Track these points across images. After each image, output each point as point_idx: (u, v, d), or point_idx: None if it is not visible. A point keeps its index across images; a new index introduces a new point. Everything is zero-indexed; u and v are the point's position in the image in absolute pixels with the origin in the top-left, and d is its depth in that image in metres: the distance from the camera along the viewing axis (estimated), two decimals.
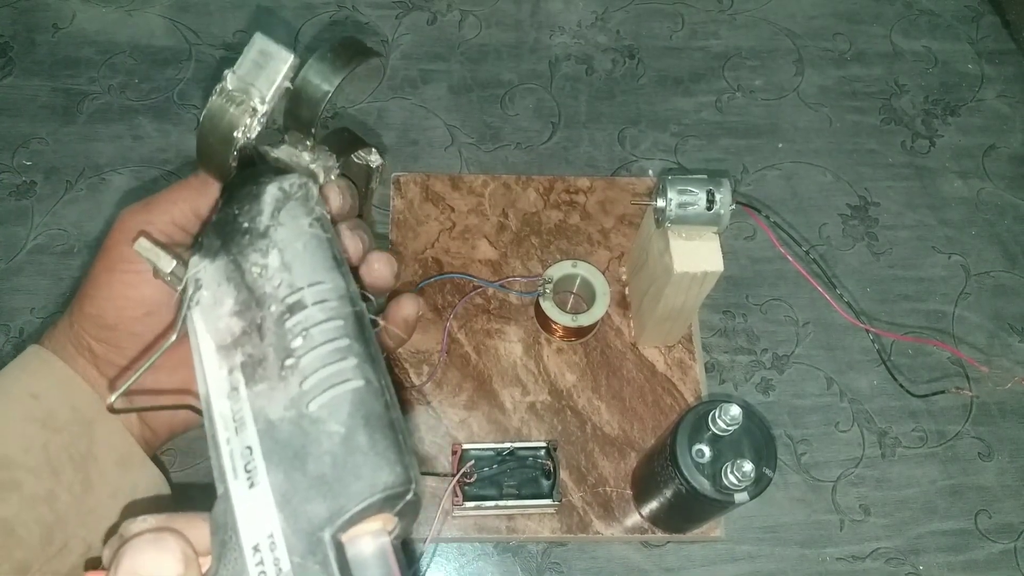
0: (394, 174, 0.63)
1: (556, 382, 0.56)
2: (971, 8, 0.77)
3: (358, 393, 0.25)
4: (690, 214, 0.46)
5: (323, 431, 0.24)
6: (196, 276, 0.28)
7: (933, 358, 0.60)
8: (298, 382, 0.25)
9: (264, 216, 0.29)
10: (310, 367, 0.25)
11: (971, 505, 0.55)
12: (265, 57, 0.32)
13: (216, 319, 0.27)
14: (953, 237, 0.65)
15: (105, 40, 0.69)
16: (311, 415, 0.24)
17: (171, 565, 0.24)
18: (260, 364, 0.26)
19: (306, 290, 0.27)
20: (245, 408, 0.25)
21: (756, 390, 0.58)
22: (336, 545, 0.23)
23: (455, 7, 0.73)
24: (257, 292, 0.27)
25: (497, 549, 0.52)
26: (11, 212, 0.61)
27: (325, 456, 0.24)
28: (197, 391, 0.27)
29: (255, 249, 0.28)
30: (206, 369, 0.27)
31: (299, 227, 0.28)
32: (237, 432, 0.25)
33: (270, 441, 0.24)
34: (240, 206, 0.29)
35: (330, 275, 0.27)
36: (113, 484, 0.38)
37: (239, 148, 0.33)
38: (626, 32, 0.73)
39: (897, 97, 0.72)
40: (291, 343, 0.26)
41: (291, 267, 0.27)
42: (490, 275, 0.60)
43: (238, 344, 0.26)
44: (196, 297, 0.28)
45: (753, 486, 0.41)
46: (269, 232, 0.28)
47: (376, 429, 0.24)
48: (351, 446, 0.24)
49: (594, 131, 0.68)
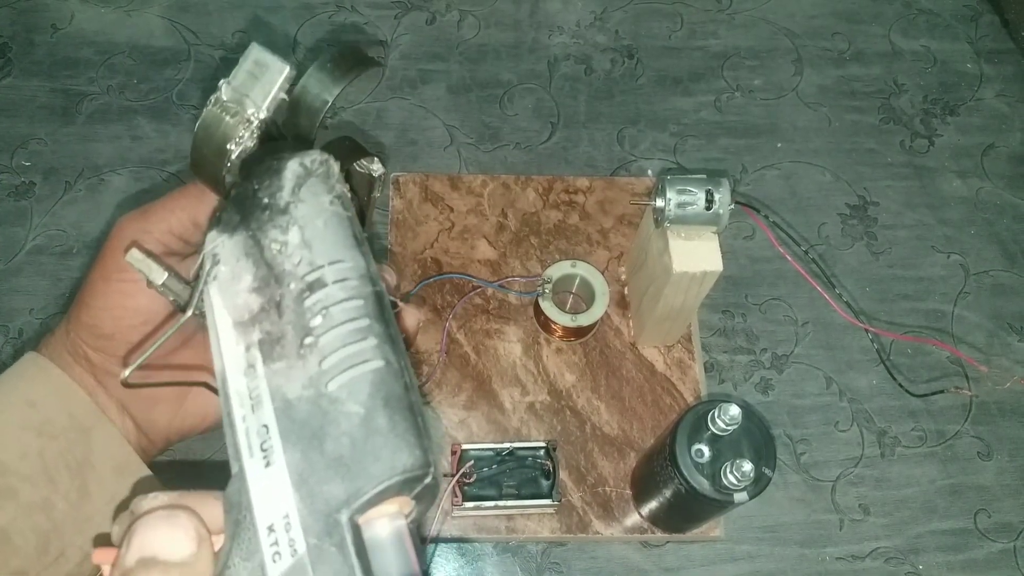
0: (393, 174, 0.63)
1: (555, 382, 0.56)
2: (970, 7, 0.77)
3: (378, 374, 0.24)
4: (689, 214, 0.46)
5: (342, 411, 0.24)
6: (214, 251, 0.28)
7: (932, 358, 0.60)
8: (317, 361, 0.25)
9: (285, 192, 0.28)
10: (329, 346, 0.25)
11: (970, 504, 0.55)
12: (260, 68, 0.32)
13: (234, 295, 0.27)
14: (952, 236, 0.65)
15: (104, 40, 0.69)
16: (330, 395, 0.24)
17: (184, 543, 0.24)
18: (278, 342, 0.25)
19: (326, 268, 0.26)
20: (262, 386, 0.25)
21: (755, 390, 0.58)
22: (353, 527, 0.23)
23: (454, 7, 0.73)
24: (276, 269, 0.27)
25: (497, 549, 0.52)
26: (10, 213, 0.61)
27: (343, 437, 0.23)
28: (212, 370, 0.27)
29: (275, 225, 0.27)
30: (223, 345, 0.26)
31: (320, 204, 0.28)
32: (253, 410, 0.25)
33: (287, 420, 0.24)
34: (260, 181, 0.29)
35: (350, 253, 0.27)
36: (110, 492, 0.38)
37: (235, 155, 0.33)
38: (625, 32, 0.73)
39: (896, 97, 0.72)
40: (310, 321, 0.25)
41: (311, 244, 0.27)
42: (489, 275, 0.60)
43: (256, 321, 0.26)
44: (214, 272, 0.27)
45: (752, 486, 0.41)
46: (289, 208, 0.28)
47: (396, 411, 0.24)
48: (370, 427, 0.24)
49: (593, 131, 0.68)
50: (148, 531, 0.24)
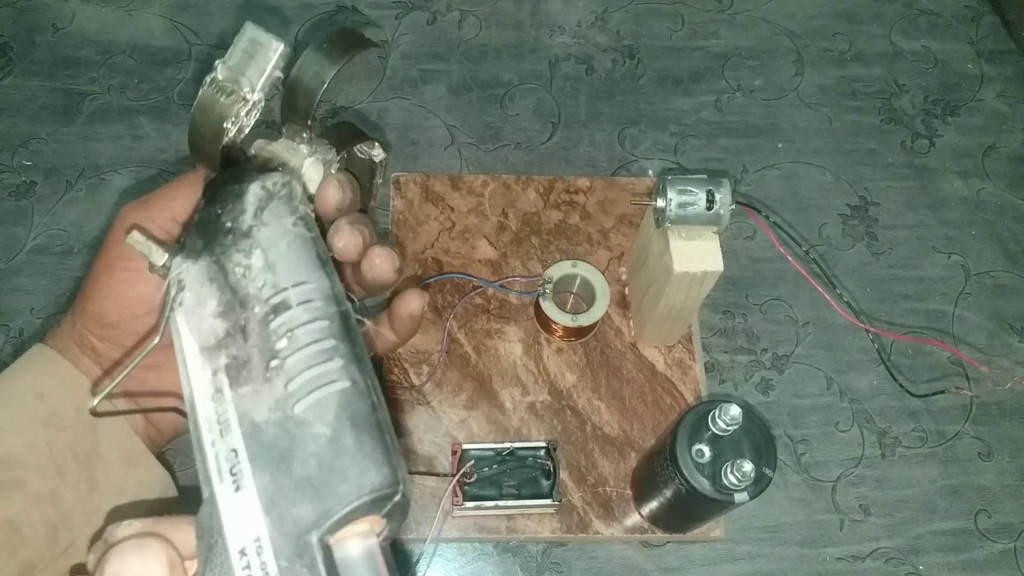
0: (394, 174, 0.63)
1: (556, 382, 0.56)
2: (971, 8, 0.77)
3: (344, 394, 0.25)
4: (690, 214, 0.46)
5: (309, 433, 0.24)
6: (179, 277, 0.28)
7: (933, 358, 0.60)
8: (283, 384, 0.25)
9: (247, 215, 0.28)
10: (295, 368, 0.25)
11: (971, 505, 0.55)
12: (255, 46, 0.32)
13: (200, 320, 0.27)
14: (953, 237, 0.65)
15: (105, 40, 0.69)
16: (296, 417, 0.24)
17: (156, 570, 0.24)
18: (245, 366, 0.26)
19: (290, 290, 0.26)
20: (230, 410, 0.25)
21: (756, 390, 0.58)
22: (324, 548, 0.23)
23: (455, 7, 0.73)
24: (241, 293, 0.27)
25: (497, 549, 0.52)
26: (11, 212, 0.61)
27: (311, 458, 0.24)
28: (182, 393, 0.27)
29: (238, 249, 0.28)
30: (190, 371, 0.26)
31: (283, 226, 0.28)
32: (222, 435, 0.25)
33: (255, 444, 0.24)
34: (223, 205, 0.29)
35: (315, 274, 0.27)
36: (119, 482, 0.38)
37: (228, 142, 0.33)
38: (626, 32, 0.73)
39: (897, 97, 0.72)
40: (276, 344, 0.25)
41: (275, 267, 0.27)
42: (490, 275, 0.60)
43: (222, 346, 0.26)
44: (179, 298, 0.28)
45: (753, 486, 0.41)
46: (252, 232, 0.28)
47: (363, 430, 0.24)
48: (337, 448, 0.24)
49: (594, 131, 0.68)
50: (120, 560, 0.24)
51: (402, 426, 0.54)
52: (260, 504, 0.23)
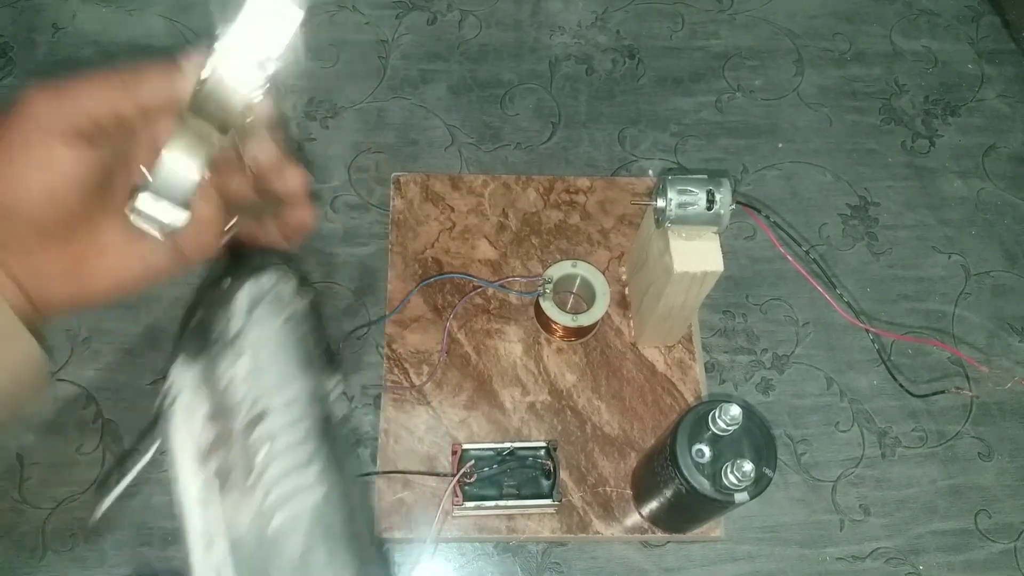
0: (394, 174, 0.63)
1: (556, 382, 0.56)
2: (971, 8, 0.77)
3: (318, 509, 0.26)
4: (690, 214, 0.46)
5: (284, 548, 0.26)
6: (176, 380, 0.29)
7: (933, 358, 0.60)
8: (263, 495, 0.26)
9: (236, 320, 0.30)
10: (272, 479, 0.26)
11: (971, 505, 0.55)
12: (267, 13, 0.30)
13: (192, 424, 0.28)
14: (953, 237, 0.65)
15: (105, 40, 0.69)
16: (273, 530, 0.26)
17: None
18: (230, 474, 0.27)
19: (274, 396, 0.28)
20: (218, 520, 0.27)
21: (756, 390, 0.58)
22: None
23: (455, 7, 0.73)
24: (227, 401, 0.28)
25: (497, 549, 0.52)
26: None
27: (286, 573, 0.26)
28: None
29: (225, 357, 0.29)
30: (180, 475, 0.28)
31: (271, 327, 0.29)
32: (208, 548, 0.26)
33: (236, 558, 0.26)
34: (215, 312, 0.30)
35: (299, 376, 0.29)
36: None
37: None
38: (626, 32, 0.73)
39: (897, 97, 0.72)
40: (256, 454, 0.27)
41: (259, 374, 0.28)
42: (490, 275, 0.60)
43: (212, 451, 0.28)
44: (175, 401, 0.29)
45: (753, 486, 0.41)
46: (240, 338, 0.29)
47: (335, 543, 0.26)
48: (309, 563, 0.26)
49: (594, 131, 0.68)
50: None
51: (402, 426, 0.54)
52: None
